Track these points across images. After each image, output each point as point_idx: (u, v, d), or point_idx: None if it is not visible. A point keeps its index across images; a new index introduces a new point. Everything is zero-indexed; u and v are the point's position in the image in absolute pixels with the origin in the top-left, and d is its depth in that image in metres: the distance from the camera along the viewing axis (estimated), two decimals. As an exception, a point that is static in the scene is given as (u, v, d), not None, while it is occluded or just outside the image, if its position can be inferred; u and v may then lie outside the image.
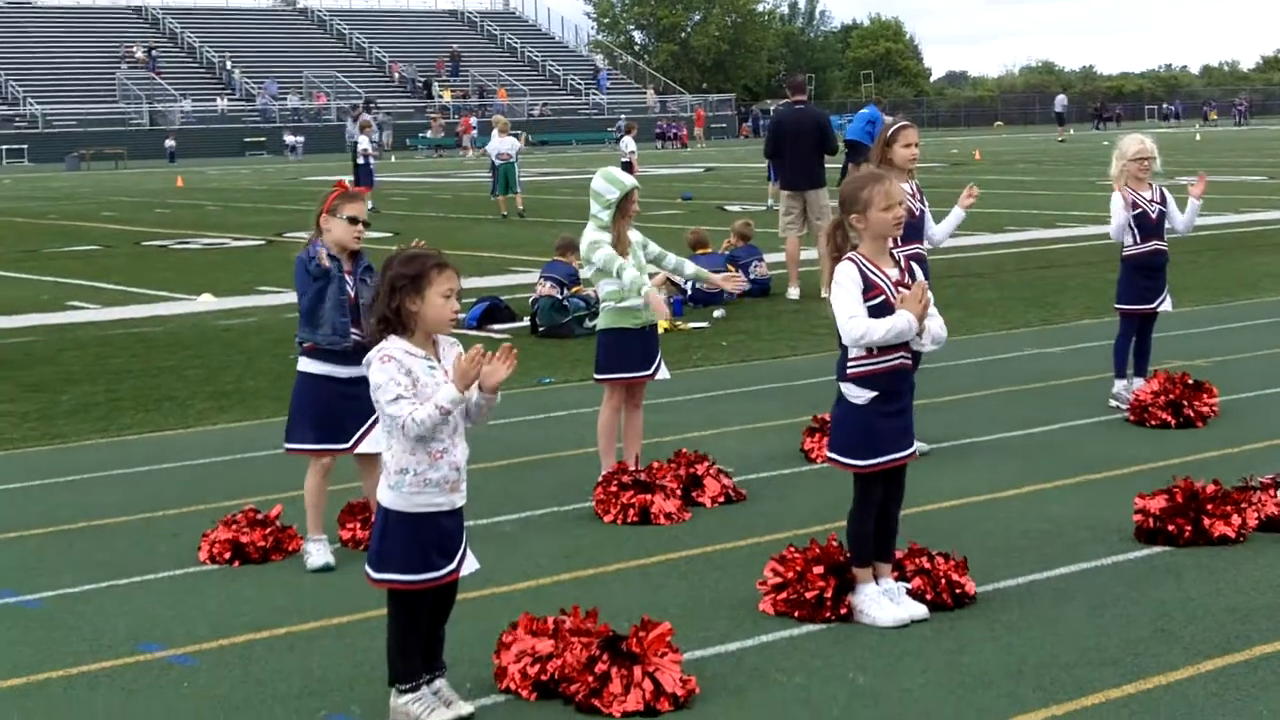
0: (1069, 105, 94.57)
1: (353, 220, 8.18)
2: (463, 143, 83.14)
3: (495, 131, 38.12)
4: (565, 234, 18.53)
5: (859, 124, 34.25)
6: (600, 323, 9.61)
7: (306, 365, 8.32)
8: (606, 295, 9.45)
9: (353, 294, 8.12)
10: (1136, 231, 11.59)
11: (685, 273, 10.00)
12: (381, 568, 6.02)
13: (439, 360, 6.03)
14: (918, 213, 10.33)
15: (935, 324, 7.10)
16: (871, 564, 7.17)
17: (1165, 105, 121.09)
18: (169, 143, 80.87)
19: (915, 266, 7.29)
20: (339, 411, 8.24)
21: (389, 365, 5.91)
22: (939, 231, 10.66)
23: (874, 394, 7.04)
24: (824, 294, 7.32)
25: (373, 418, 7.90)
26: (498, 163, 34.92)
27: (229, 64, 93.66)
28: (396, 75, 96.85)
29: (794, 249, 19.28)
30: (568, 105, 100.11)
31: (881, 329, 6.90)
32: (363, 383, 6.21)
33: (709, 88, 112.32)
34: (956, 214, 10.67)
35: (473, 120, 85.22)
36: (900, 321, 6.91)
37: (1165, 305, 11.76)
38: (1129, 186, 11.55)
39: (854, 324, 6.94)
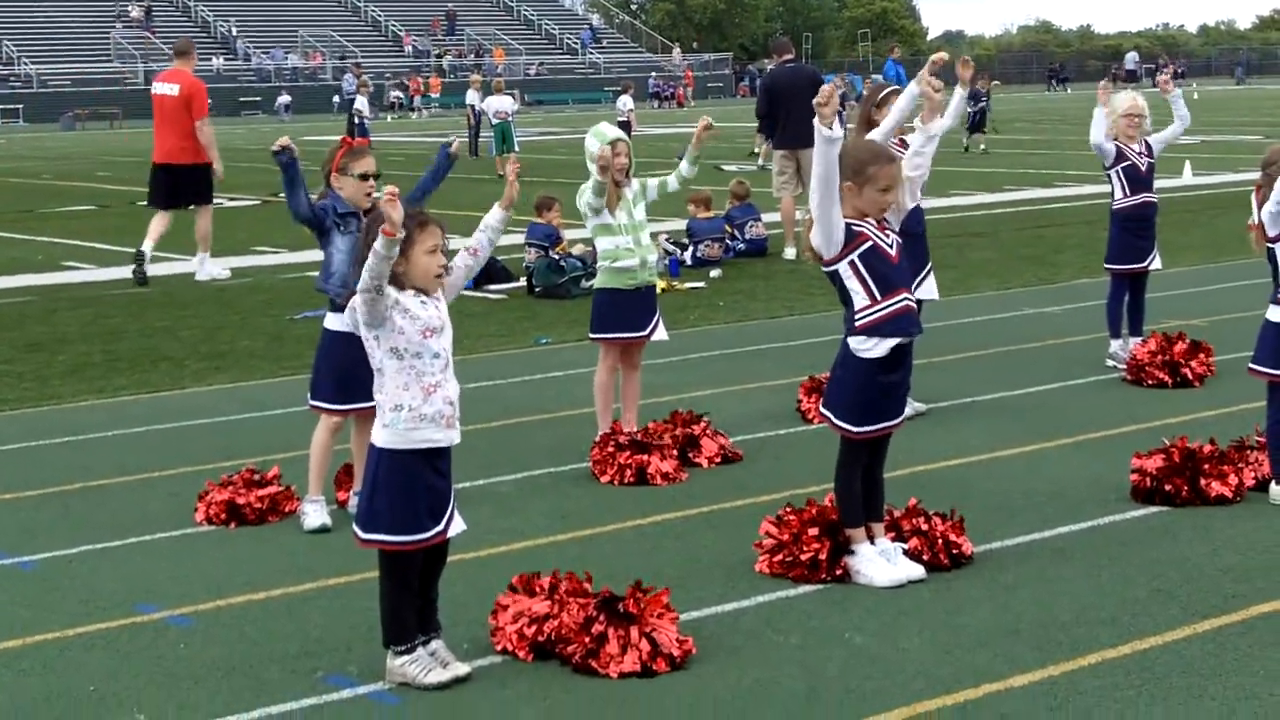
0: (1139, 63, 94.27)
1: (364, 177, 8.15)
2: (414, 104, 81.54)
3: (471, 90, 38.56)
4: (543, 193, 18.50)
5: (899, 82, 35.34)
6: (596, 282, 9.57)
7: (331, 323, 8.26)
8: (603, 254, 9.41)
9: None
10: (1126, 184, 11.57)
11: (685, 174, 9.56)
12: (370, 528, 6.02)
13: (428, 295, 6.05)
14: None
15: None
16: (863, 524, 7.16)
17: (1115, 67, 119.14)
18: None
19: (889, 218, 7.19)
20: (365, 369, 8.20)
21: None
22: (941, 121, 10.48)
23: (890, 342, 6.96)
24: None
25: None
26: (495, 121, 34.85)
27: (227, 26, 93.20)
28: (409, 47, 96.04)
29: (789, 208, 19.23)
30: (564, 65, 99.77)
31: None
32: None
33: (703, 47, 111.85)
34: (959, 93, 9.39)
35: (420, 81, 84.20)
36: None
37: (1155, 264, 11.75)
38: (1120, 141, 11.54)
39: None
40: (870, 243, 6.95)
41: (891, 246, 7.00)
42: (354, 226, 8.17)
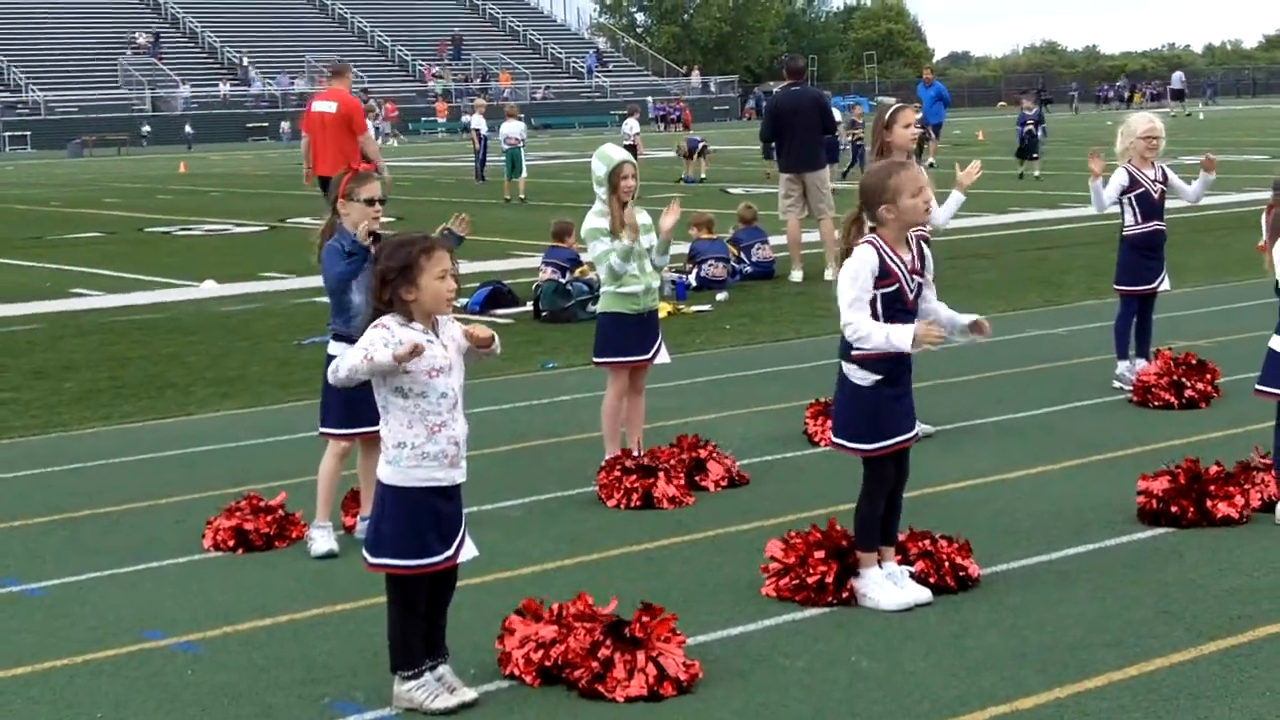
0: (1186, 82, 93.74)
1: (369, 202, 8.18)
2: (382, 130, 78.45)
3: (476, 114, 39.02)
4: (561, 218, 18.52)
5: (930, 105, 37.51)
6: (599, 306, 9.60)
7: (335, 349, 8.26)
8: (607, 278, 9.43)
9: None
10: (1137, 211, 11.57)
11: (656, 263, 9.55)
12: (377, 552, 6.03)
13: (437, 335, 6.03)
14: None
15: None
16: (877, 548, 7.16)
17: (1101, 88, 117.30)
18: (188, 129, 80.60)
19: (925, 248, 7.27)
20: (370, 392, 8.19)
21: (376, 330, 5.94)
22: (940, 215, 10.42)
23: (878, 376, 7.02)
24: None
25: None
26: (505, 146, 34.97)
27: (232, 50, 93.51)
28: (431, 82, 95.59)
29: (795, 231, 19.24)
30: (570, 88, 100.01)
31: (880, 337, 6.87)
32: None
33: (709, 70, 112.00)
34: (956, 197, 10.49)
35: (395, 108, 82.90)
36: (902, 339, 6.85)
37: (1164, 285, 11.75)
38: (1134, 165, 11.52)
39: (852, 315, 6.91)
40: (897, 286, 6.97)
41: (913, 292, 7.04)
42: (365, 260, 8.17)
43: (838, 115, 24.35)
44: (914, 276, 7.04)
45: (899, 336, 6.85)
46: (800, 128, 19.00)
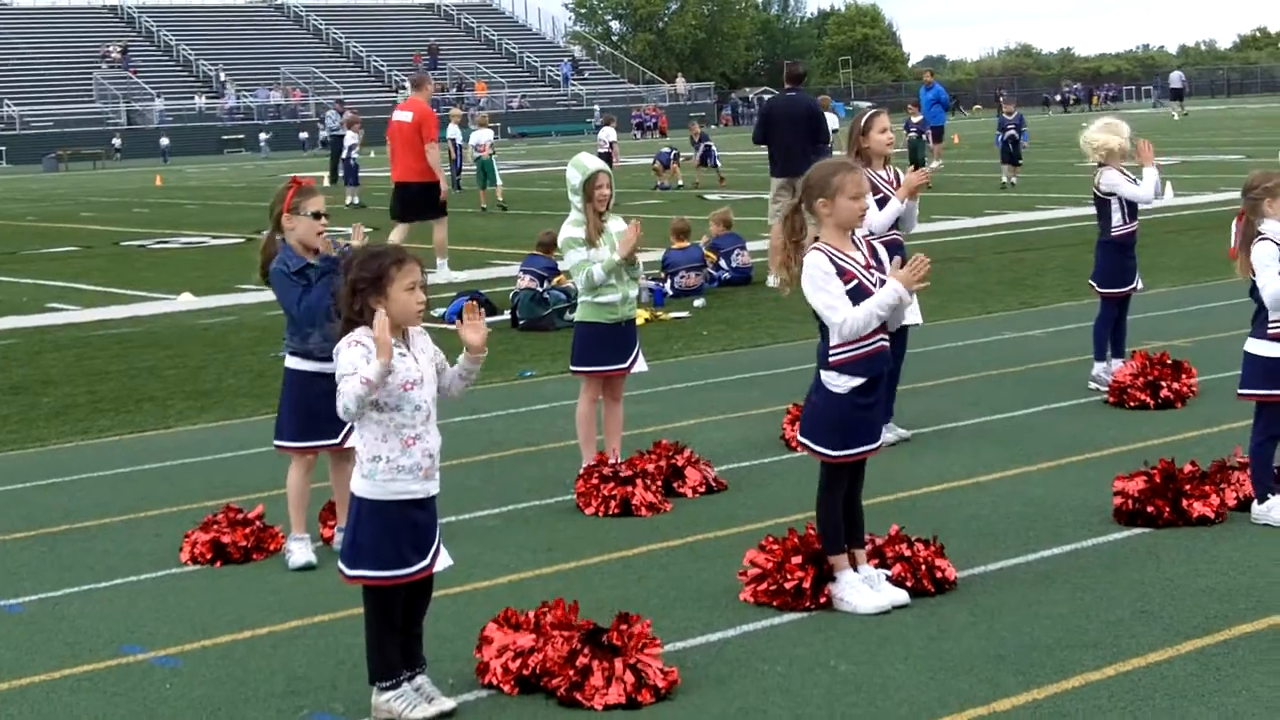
0: (1186, 81, 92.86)
1: (317, 215, 8.16)
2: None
3: (452, 124, 38.91)
4: (546, 228, 18.52)
5: (929, 107, 37.88)
6: (577, 315, 9.60)
7: (294, 363, 8.27)
8: (584, 288, 9.43)
9: None
10: (1126, 211, 11.55)
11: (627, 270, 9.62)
12: (354, 564, 6.03)
13: (409, 348, 6.04)
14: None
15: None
16: (845, 550, 7.17)
17: (1045, 91, 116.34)
18: (163, 141, 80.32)
19: (878, 246, 7.30)
20: (328, 408, 8.21)
21: (355, 349, 5.93)
22: (877, 221, 9.65)
23: (858, 380, 7.02)
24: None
25: None
26: (476, 155, 34.95)
27: (206, 62, 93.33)
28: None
29: (778, 237, 19.22)
30: (546, 97, 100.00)
31: (870, 308, 6.89)
32: None
33: (685, 77, 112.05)
34: (894, 205, 9.92)
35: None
36: (887, 294, 6.89)
37: (1139, 284, 11.81)
38: (1119, 166, 11.52)
39: (839, 314, 6.93)
40: (856, 282, 6.99)
41: (876, 286, 7.04)
42: (311, 277, 8.14)
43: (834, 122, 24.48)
44: (871, 271, 7.06)
45: (885, 296, 6.88)
46: (792, 134, 18.97)
